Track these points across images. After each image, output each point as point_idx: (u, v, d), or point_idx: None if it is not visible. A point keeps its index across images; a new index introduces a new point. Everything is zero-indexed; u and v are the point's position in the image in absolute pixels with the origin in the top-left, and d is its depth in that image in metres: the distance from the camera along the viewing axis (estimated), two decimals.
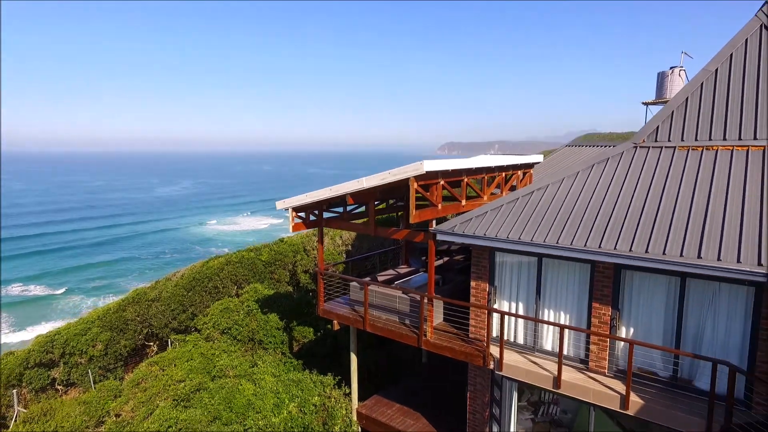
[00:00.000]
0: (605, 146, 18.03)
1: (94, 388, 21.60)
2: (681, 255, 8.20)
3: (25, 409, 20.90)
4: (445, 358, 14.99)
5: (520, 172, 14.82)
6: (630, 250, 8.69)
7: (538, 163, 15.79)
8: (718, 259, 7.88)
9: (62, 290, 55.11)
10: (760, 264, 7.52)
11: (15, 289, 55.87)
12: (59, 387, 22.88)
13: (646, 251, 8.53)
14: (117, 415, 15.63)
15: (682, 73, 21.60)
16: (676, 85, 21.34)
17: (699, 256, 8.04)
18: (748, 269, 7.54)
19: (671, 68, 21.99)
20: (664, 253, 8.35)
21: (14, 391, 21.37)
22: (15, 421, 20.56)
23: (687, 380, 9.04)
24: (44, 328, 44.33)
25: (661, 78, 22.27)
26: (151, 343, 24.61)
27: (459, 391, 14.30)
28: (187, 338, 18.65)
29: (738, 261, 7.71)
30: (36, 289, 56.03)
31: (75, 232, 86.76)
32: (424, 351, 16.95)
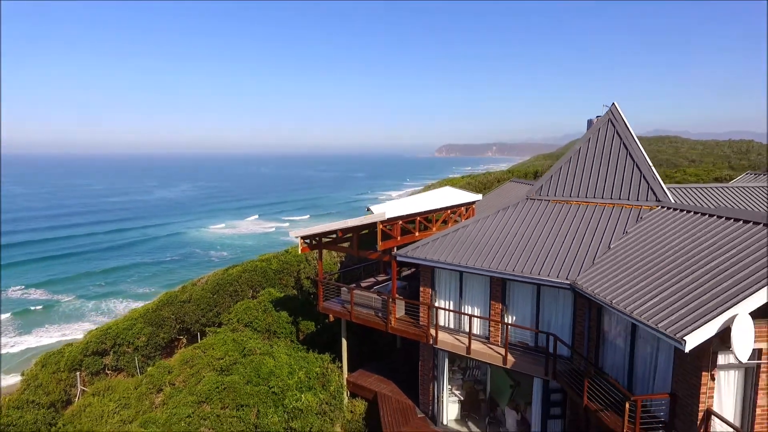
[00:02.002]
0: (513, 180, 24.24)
1: (139, 372, 27.68)
2: (530, 273, 14.32)
3: (85, 388, 26.90)
4: (413, 344, 21.07)
5: (463, 208, 20.97)
6: (505, 269, 14.81)
7: (478, 200, 21.94)
8: (548, 275, 14.00)
9: (71, 297, 57.42)
10: (566, 279, 13.63)
11: (17, 293, 58.89)
12: (109, 372, 28.94)
13: (513, 270, 14.65)
14: (172, 384, 21.71)
15: None
16: None
17: (539, 274, 14.16)
18: (560, 281, 13.66)
19: (597, 117, 28.11)
20: (522, 272, 14.47)
21: (77, 373, 27.42)
22: (79, 397, 26.57)
23: (543, 347, 15.14)
24: (49, 331, 47.61)
25: (589, 125, 28.39)
26: (182, 337, 30.74)
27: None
28: (218, 330, 24.75)
29: (557, 277, 13.83)
30: (39, 294, 58.61)
31: (88, 236, 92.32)
32: (398, 338, 23.08)
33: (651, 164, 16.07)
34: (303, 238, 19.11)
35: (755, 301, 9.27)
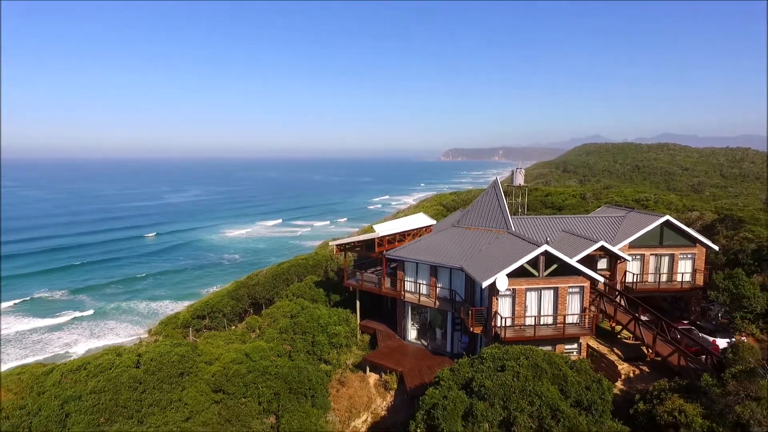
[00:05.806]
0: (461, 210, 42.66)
1: (227, 329, 46.11)
2: (446, 262, 32.68)
3: (195, 338, 45.19)
4: (394, 305, 39.41)
5: (424, 229, 39.42)
6: (437, 261, 33.16)
7: (434, 224, 40.35)
8: (454, 264, 32.33)
9: (113, 305, 69.38)
10: (459, 265, 31.96)
11: (42, 294, 72.32)
12: (204, 330, 47.39)
13: (440, 262, 33.01)
14: (259, 328, 40.23)
15: (522, 171, 46.28)
16: (518, 178, 46.03)
17: (449, 263, 32.50)
18: (458, 266, 31.98)
19: (517, 168, 46.59)
20: (443, 262, 32.84)
21: (189, 329, 45.98)
22: None
23: (451, 298, 33.46)
24: (78, 329, 61.20)
25: (513, 172, 46.89)
26: (249, 309, 49.35)
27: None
28: (282, 300, 43.29)
29: (456, 264, 32.17)
30: (86, 299, 70.91)
31: (126, 240, 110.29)
32: (388, 303, 41.47)
33: (508, 211, 34.41)
34: (337, 246, 37.66)
35: (508, 270, 27.56)
